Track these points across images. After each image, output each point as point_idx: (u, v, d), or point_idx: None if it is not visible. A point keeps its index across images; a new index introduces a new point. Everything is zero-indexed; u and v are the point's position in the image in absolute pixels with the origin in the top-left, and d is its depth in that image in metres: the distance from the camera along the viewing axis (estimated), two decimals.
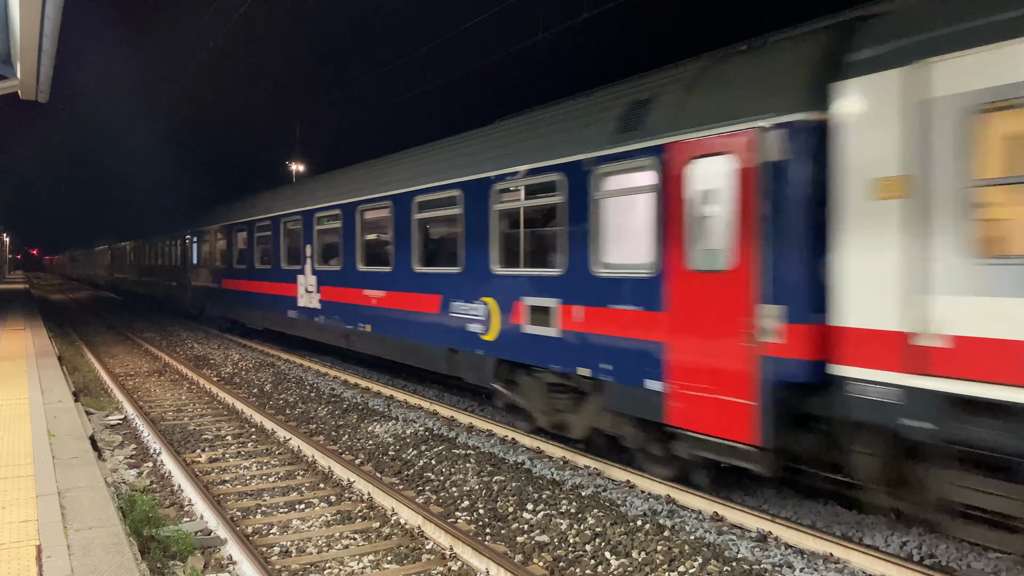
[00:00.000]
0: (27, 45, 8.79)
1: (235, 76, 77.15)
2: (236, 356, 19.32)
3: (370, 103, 75.60)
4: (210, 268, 25.39)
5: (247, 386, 15.04)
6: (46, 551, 5.00)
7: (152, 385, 15.32)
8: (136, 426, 11.44)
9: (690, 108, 7.64)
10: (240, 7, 18.69)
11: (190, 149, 75.90)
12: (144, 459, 9.69)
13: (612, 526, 6.97)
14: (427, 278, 12.30)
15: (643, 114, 8.21)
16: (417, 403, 12.74)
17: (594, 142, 8.75)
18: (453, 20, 44.25)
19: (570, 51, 64.14)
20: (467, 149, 11.70)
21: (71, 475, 6.82)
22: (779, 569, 6.04)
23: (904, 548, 6.60)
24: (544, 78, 59.66)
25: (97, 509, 5.89)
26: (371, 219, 14.35)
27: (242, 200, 23.62)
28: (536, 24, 15.27)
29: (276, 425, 10.97)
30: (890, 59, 5.91)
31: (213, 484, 8.53)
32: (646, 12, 45.58)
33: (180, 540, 6.33)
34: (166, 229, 32.81)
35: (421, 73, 46.71)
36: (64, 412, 9.61)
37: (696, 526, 7.02)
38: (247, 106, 79.57)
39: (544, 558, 6.37)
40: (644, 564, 6.18)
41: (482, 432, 10.81)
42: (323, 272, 16.24)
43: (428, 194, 12.21)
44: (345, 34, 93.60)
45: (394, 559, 6.44)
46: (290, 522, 7.33)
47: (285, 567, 6.22)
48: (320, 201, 16.51)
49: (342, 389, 14.36)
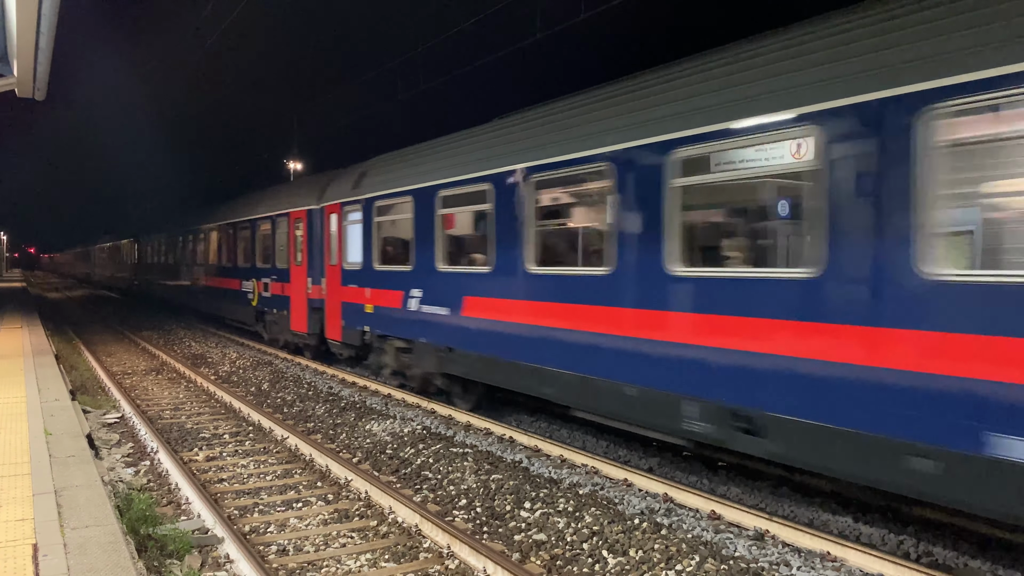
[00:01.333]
0: (24, 42, 8.77)
1: (234, 75, 77.05)
2: (234, 354, 19.30)
3: (370, 103, 75.60)
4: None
5: (245, 384, 15.02)
6: (42, 550, 4.98)
7: (150, 383, 15.30)
8: (133, 424, 11.42)
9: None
10: (238, 6, 18.65)
11: (189, 147, 75.80)
12: (141, 457, 9.68)
13: (609, 524, 6.97)
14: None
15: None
16: (415, 401, 12.74)
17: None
18: (453, 20, 44.16)
19: (569, 52, 64.14)
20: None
21: (68, 473, 6.80)
22: (776, 567, 6.04)
23: (901, 546, 6.61)
24: (543, 78, 59.61)
25: (94, 508, 5.88)
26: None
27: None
28: (534, 24, 15.24)
29: (274, 423, 10.97)
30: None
31: (210, 483, 8.52)
32: (646, 12, 45.64)
33: (177, 539, 6.32)
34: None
35: (421, 73, 46.51)
36: (61, 410, 9.59)
37: (693, 524, 7.02)
38: (246, 104, 79.56)
39: (541, 556, 6.37)
40: (641, 562, 6.18)
41: (480, 431, 10.81)
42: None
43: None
44: (345, 34, 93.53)
45: (391, 557, 6.44)
46: (287, 520, 7.33)
47: (282, 565, 6.21)
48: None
49: (340, 387, 14.35)
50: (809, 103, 6.16)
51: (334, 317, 15.61)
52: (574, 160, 8.79)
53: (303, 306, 17.37)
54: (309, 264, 17.04)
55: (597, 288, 8.43)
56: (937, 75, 5.27)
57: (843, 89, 5.92)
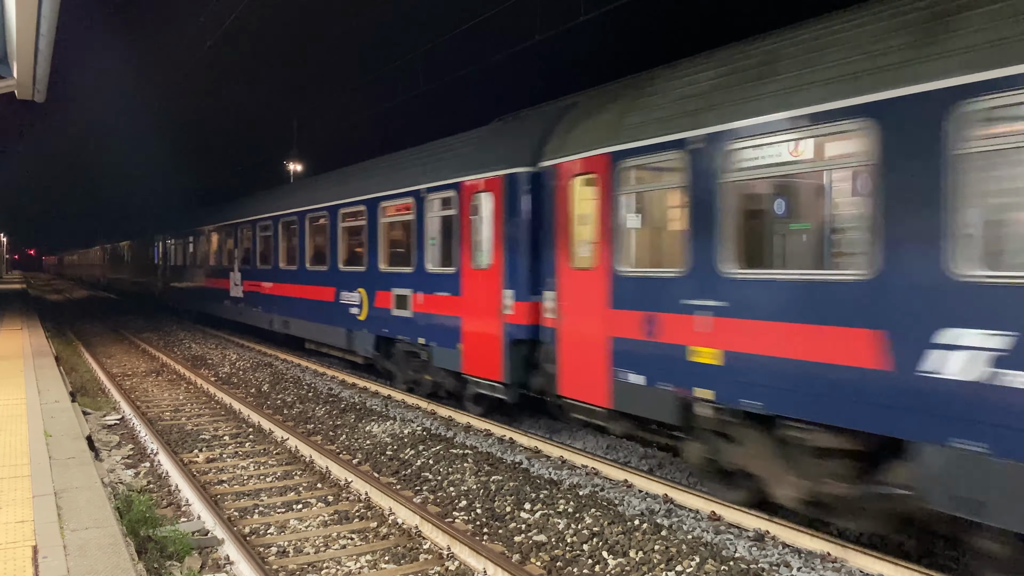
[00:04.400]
0: (23, 44, 8.78)
1: (232, 75, 77.13)
2: (234, 356, 19.30)
3: (368, 103, 75.66)
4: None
5: (245, 386, 15.02)
6: (42, 551, 4.98)
7: (149, 385, 15.30)
8: (133, 426, 11.42)
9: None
10: (238, 6, 18.65)
11: (188, 148, 75.87)
12: (141, 459, 9.67)
13: (610, 525, 6.97)
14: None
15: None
16: (415, 403, 12.73)
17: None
18: (452, 21, 44.26)
19: (568, 52, 64.26)
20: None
21: (68, 475, 6.80)
22: (776, 568, 6.04)
23: (901, 547, 6.61)
24: (542, 79, 59.65)
25: (94, 509, 5.88)
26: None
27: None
28: (533, 26, 15.25)
29: (274, 425, 10.96)
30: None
31: (210, 484, 8.52)
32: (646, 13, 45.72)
33: (177, 540, 6.32)
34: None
35: (419, 73, 46.73)
36: (61, 412, 9.59)
37: (694, 525, 7.02)
38: (244, 104, 79.67)
39: (542, 558, 6.36)
40: (641, 563, 6.18)
41: (480, 432, 10.81)
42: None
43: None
44: (343, 34, 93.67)
45: (391, 559, 6.44)
46: (287, 522, 7.32)
47: (282, 567, 6.21)
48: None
49: (340, 389, 14.35)
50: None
51: (586, 359, 8.92)
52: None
53: (491, 335, 10.59)
54: (508, 267, 10.38)
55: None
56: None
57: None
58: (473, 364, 10.96)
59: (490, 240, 10.67)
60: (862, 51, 6.03)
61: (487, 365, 10.63)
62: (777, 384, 6.50)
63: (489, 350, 10.58)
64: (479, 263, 10.90)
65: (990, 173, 5.26)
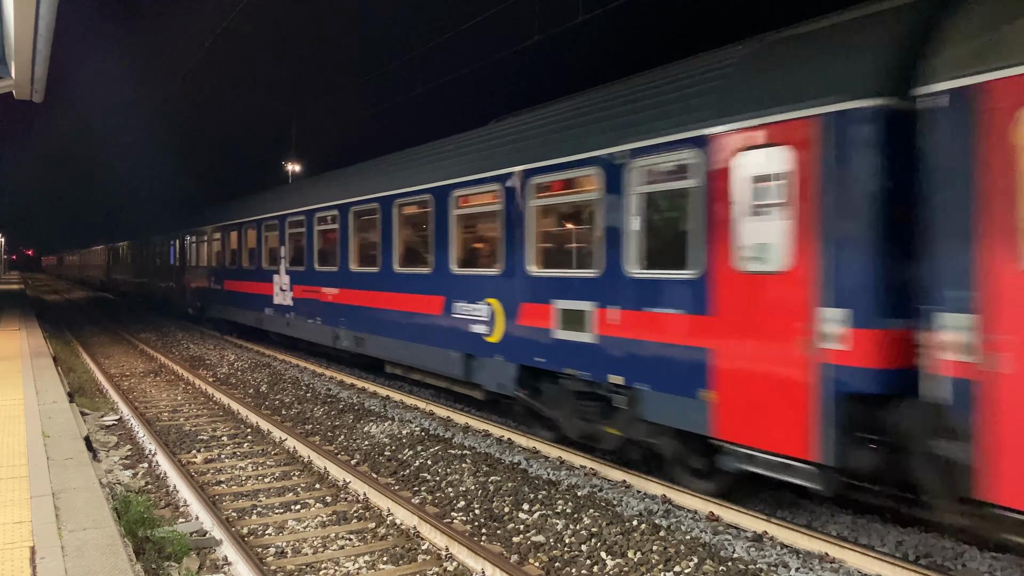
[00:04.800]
0: (21, 45, 8.78)
1: (231, 75, 77.13)
2: (232, 356, 19.29)
3: (368, 103, 75.72)
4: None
5: (243, 387, 15.01)
6: (40, 552, 4.98)
7: (148, 386, 15.29)
8: (131, 427, 11.41)
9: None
10: (236, 6, 18.66)
11: (188, 149, 75.81)
12: (139, 460, 9.67)
13: (608, 526, 6.97)
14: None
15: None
16: (413, 403, 12.73)
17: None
18: (452, 21, 44.28)
19: (567, 53, 64.33)
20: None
21: (66, 476, 6.79)
22: (775, 569, 6.04)
23: (899, 548, 6.61)
24: (541, 79, 59.69)
25: (92, 510, 5.87)
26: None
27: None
28: (532, 26, 15.26)
29: (272, 426, 10.96)
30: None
31: (208, 485, 8.52)
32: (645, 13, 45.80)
33: (175, 541, 6.31)
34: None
35: (419, 73, 46.80)
36: (59, 413, 9.58)
37: (692, 526, 7.02)
38: (243, 105, 79.55)
39: (540, 558, 6.36)
40: (640, 564, 6.18)
41: (478, 432, 10.81)
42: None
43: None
44: (343, 34, 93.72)
45: (390, 560, 6.43)
46: (286, 523, 7.32)
47: (280, 568, 6.20)
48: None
49: (338, 389, 14.34)
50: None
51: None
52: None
53: (791, 381, 6.50)
54: (831, 269, 6.23)
55: None
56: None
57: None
58: (741, 425, 6.95)
59: (787, 226, 6.56)
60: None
61: (776, 430, 6.59)
62: None
63: (784, 405, 6.53)
64: (758, 263, 6.81)
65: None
